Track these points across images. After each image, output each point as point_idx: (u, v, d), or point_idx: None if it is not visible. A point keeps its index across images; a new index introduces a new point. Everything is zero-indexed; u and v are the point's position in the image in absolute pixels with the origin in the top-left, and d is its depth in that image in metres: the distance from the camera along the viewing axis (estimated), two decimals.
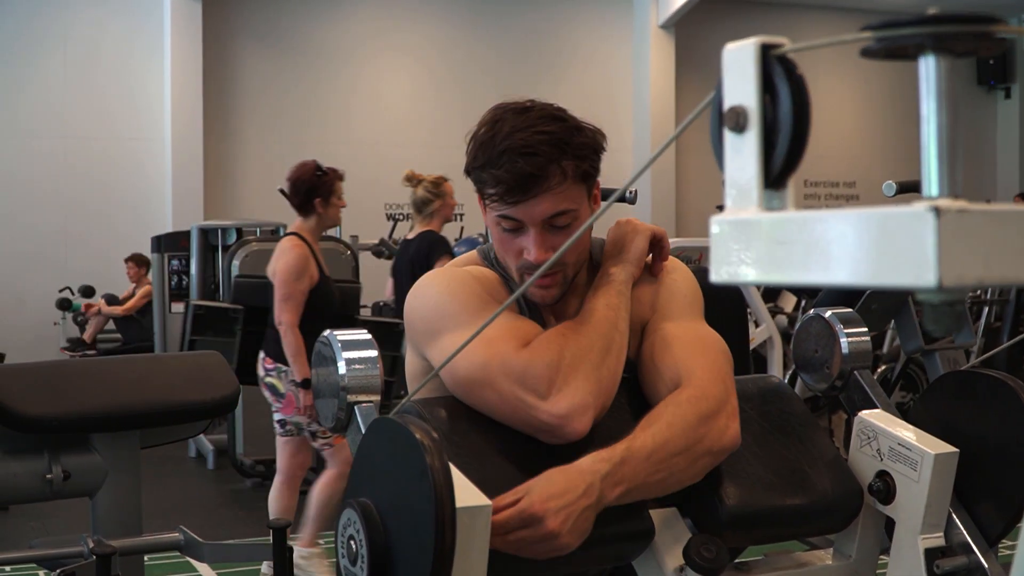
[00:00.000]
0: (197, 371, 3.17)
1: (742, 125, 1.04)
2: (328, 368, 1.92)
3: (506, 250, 2.15)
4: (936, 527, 2.04)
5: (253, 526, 6.23)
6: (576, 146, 2.08)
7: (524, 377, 1.94)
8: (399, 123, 13.70)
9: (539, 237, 2.09)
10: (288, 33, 13.22)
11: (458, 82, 13.83)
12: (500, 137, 2.06)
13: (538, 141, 2.04)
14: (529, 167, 2.03)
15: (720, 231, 1.05)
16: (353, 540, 1.71)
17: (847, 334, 2.30)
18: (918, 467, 2.03)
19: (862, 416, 2.16)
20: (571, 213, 2.10)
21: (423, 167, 13.35)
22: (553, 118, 2.10)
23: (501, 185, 2.06)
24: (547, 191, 2.06)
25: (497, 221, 2.12)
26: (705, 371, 2.05)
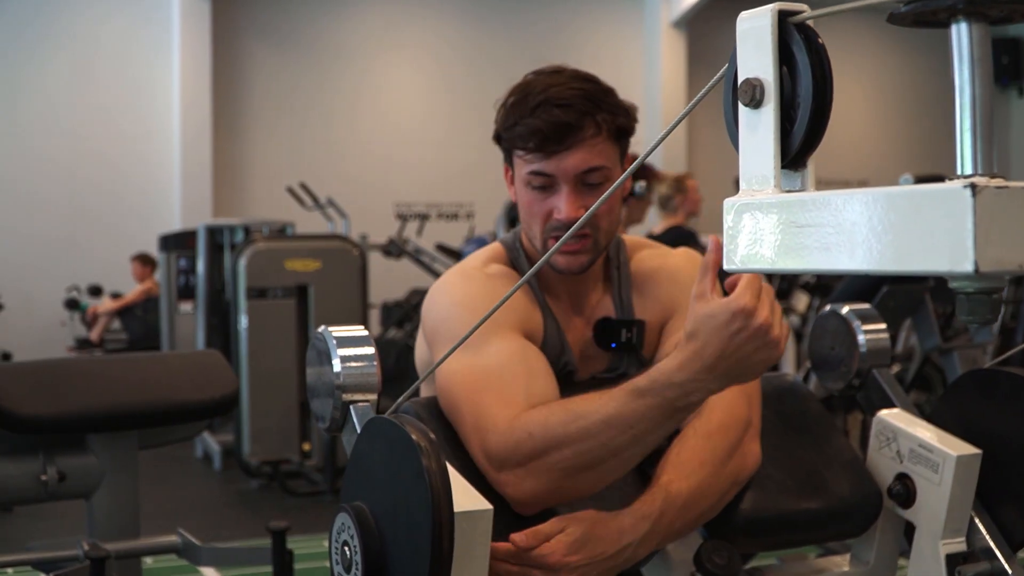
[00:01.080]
0: (196, 370, 3.10)
1: (758, 99, 0.96)
2: (323, 366, 1.84)
3: (534, 212, 2.06)
4: (958, 532, 1.96)
5: (259, 528, 6.12)
6: (610, 104, 2.04)
7: (484, 448, 1.84)
8: (409, 122, 13.61)
9: (571, 193, 2.01)
10: (297, 31, 13.14)
11: (468, 80, 13.75)
12: (534, 94, 2.01)
13: (572, 94, 2.00)
14: (565, 116, 1.98)
15: (734, 214, 0.97)
16: (347, 546, 1.63)
17: (865, 331, 2.21)
18: (939, 469, 1.94)
19: (881, 416, 2.07)
20: (604, 171, 2.02)
21: (433, 166, 13.41)
22: (586, 78, 2.06)
23: (535, 136, 1.99)
24: (582, 142, 1.99)
25: (527, 180, 2.04)
26: (734, 390, 1.86)
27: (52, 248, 12.09)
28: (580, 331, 2.12)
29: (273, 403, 7.16)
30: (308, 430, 7.28)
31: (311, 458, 7.20)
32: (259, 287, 7.22)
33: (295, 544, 5.62)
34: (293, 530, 5.91)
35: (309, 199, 9.53)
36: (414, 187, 13.47)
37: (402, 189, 13.42)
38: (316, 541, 5.70)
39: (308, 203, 9.60)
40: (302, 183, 9.61)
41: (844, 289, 3.62)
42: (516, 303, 2.03)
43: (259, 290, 7.23)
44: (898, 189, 0.84)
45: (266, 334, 7.22)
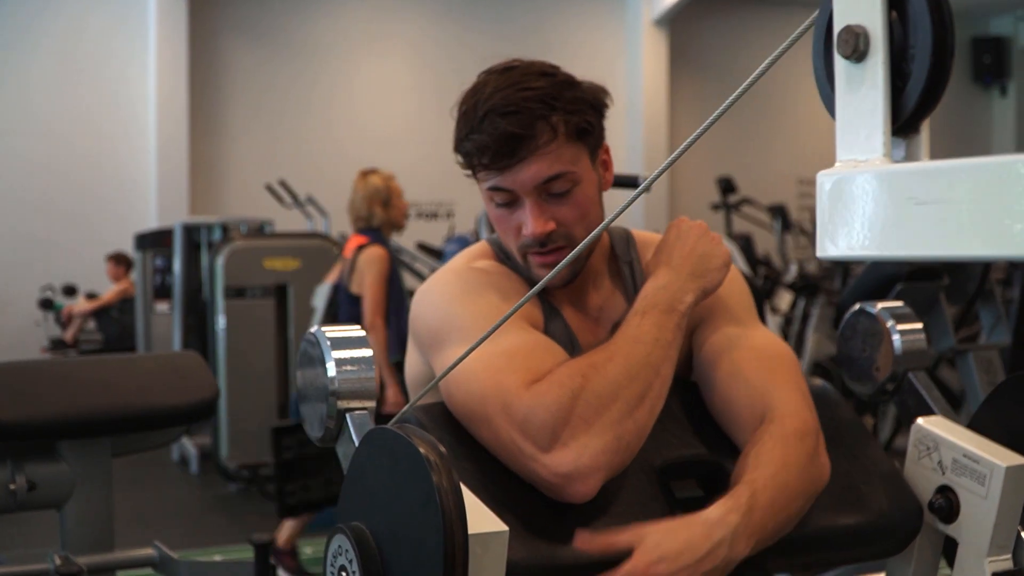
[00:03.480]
0: (173, 373, 2.93)
1: (862, 51, 0.79)
2: (315, 369, 1.67)
3: (504, 230, 1.90)
4: (1004, 548, 1.79)
5: (238, 534, 5.99)
6: (567, 100, 1.84)
7: (526, 423, 1.63)
8: (388, 120, 13.45)
9: (535, 207, 1.84)
10: (276, 29, 12.96)
11: (448, 79, 13.54)
12: (482, 100, 1.83)
13: (521, 98, 1.81)
14: (512, 126, 1.79)
15: (831, 190, 0.80)
16: (345, 571, 1.46)
17: (900, 331, 2.04)
18: (987, 481, 1.78)
19: (920, 424, 1.90)
20: (568, 176, 1.84)
21: (412, 165, 13.25)
22: (540, 74, 1.87)
23: (485, 151, 1.82)
24: (535, 152, 1.81)
25: (489, 196, 1.88)
26: (796, 396, 1.81)
27: (26, 247, 11.88)
28: (590, 332, 1.95)
29: (252, 405, 7.01)
30: None
31: None
32: (237, 286, 7.09)
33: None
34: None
35: (288, 197, 9.36)
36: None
37: None
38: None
39: (287, 201, 9.43)
40: (281, 180, 9.44)
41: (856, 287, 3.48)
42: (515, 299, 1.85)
43: (237, 289, 7.09)
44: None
45: (244, 334, 7.09)
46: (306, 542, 5.52)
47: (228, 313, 7.08)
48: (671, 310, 1.77)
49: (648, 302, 1.78)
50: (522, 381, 1.67)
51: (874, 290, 3.39)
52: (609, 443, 1.63)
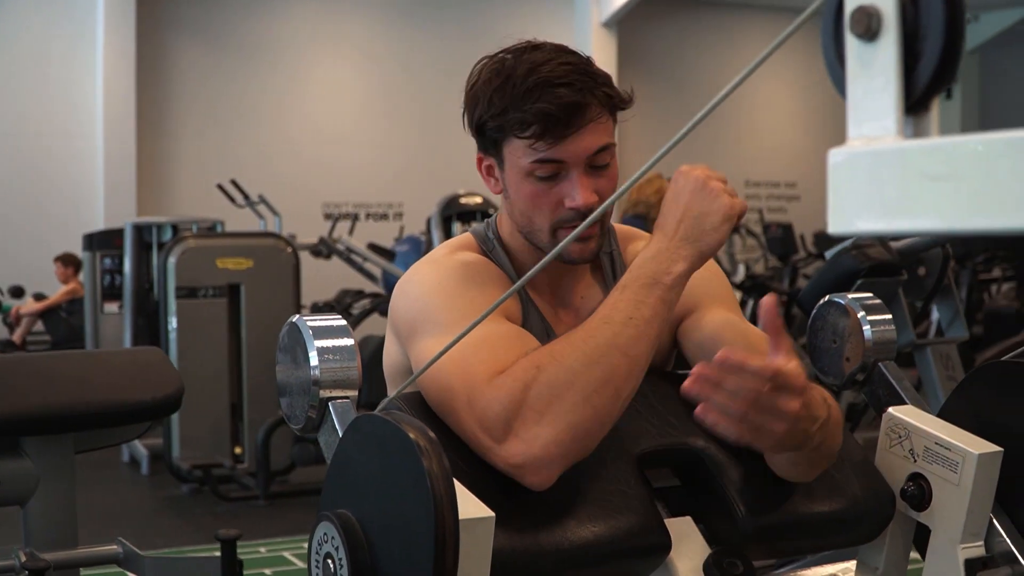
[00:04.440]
0: (137, 368, 2.91)
1: (874, 30, 0.80)
2: (297, 359, 1.67)
3: (540, 205, 1.87)
4: (977, 535, 1.82)
5: (192, 535, 5.94)
6: (601, 76, 1.86)
7: (483, 416, 1.64)
8: (337, 121, 13.41)
9: (584, 178, 1.84)
10: (226, 28, 12.90)
11: (398, 80, 13.59)
12: (519, 76, 1.81)
13: (567, 71, 1.81)
14: (571, 95, 1.79)
15: (843, 166, 0.81)
16: (331, 559, 1.46)
17: (871, 322, 2.07)
18: (959, 468, 1.80)
19: (892, 413, 1.93)
20: (612, 149, 1.87)
21: (363, 166, 13.21)
22: (567, 51, 1.88)
23: (540, 122, 1.80)
24: (590, 122, 1.82)
25: (530, 170, 1.85)
26: None
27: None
28: (569, 323, 1.95)
29: (204, 405, 6.95)
30: (240, 433, 7.10)
31: (243, 462, 7.00)
32: (189, 286, 7.03)
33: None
34: None
35: (240, 196, 9.31)
36: (342, 187, 13.29)
37: (330, 189, 13.23)
38: (250, 547, 5.52)
39: (239, 200, 9.38)
40: (233, 180, 9.39)
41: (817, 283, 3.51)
42: (496, 292, 1.85)
43: (189, 289, 7.04)
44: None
45: (196, 335, 7.03)
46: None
47: (180, 313, 7.02)
48: (654, 283, 1.71)
49: (632, 275, 1.74)
50: (486, 373, 1.68)
51: (835, 286, 3.42)
52: (561, 433, 1.62)
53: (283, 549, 5.57)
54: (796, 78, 15.97)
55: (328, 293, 10.31)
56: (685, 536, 1.75)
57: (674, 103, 14.69)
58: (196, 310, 7.05)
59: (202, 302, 7.06)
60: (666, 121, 15.16)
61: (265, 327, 7.10)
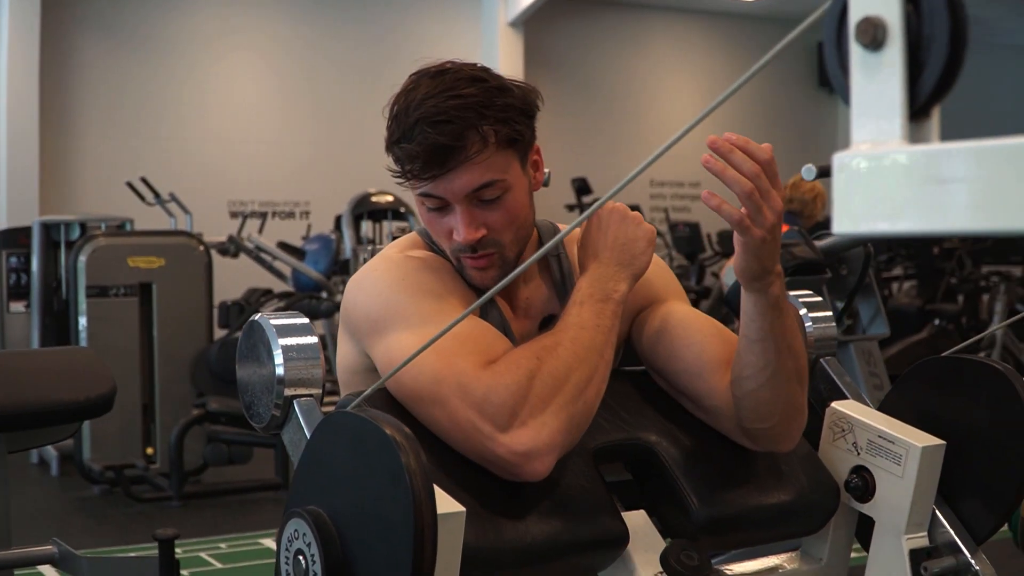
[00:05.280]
0: (69, 368, 2.90)
1: (880, 40, 0.84)
2: (260, 358, 1.68)
3: (436, 232, 1.93)
4: (920, 526, 1.88)
5: (104, 536, 5.87)
6: (498, 108, 1.84)
7: (484, 403, 1.67)
8: (242, 119, 13.28)
9: (466, 214, 1.86)
10: (130, 26, 12.71)
11: (302, 78, 13.50)
12: (412, 106, 1.83)
13: (451, 107, 1.81)
14: (442, 137, 1.80)
15: (850, 170, 0.85)
16: (302, 555, 1.47)
17: (812, 318, 2.12)
18: (902, 461, 1.86)
19: (835, 407, 1.99)
20: (499, 184, 1.86)
21: (268, 164, 13.12)
22: (472, 79, 1.85)
23: (415, 160, 1.83)
24: (465, 162, 1.82)
25: (420, 201, 1.90)
26: None
27: None
28: (519, 324, 1.99)
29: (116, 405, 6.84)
30: (151, 434, 7.02)
31: (155, 463, 6.93)
32: (100, 285, 6.94)
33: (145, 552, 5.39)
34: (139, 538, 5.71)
35: (150, 194, 9.21)
36: (248, 185, 13.18)
37: (236, 187, 13.11)
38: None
39: (149, 199, 9.28)
40: (143, 178, 9.29)
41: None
42: (455, 286, 1.91)
43: (100, 288, 6.94)
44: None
45: (107, 334, 6.93)
46: None
47: (90, 312, 6.92)
48: (606, 299, 1.82)
49: (584, 294, 1.83)
50: (477, 363, 1.71)
51: None
52: (564, 423, 1.68)
53: (199, 549, 5.54)
54: (699, 78, 16.15)
55: (234, 292, 10.24)
56: (640, 529, 1.79)
57: (581, 102, 14.79)
58: (107, 309, 6.96)
59: (113, 301, 6.97)
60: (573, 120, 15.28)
61: (177, 326, 7.04)
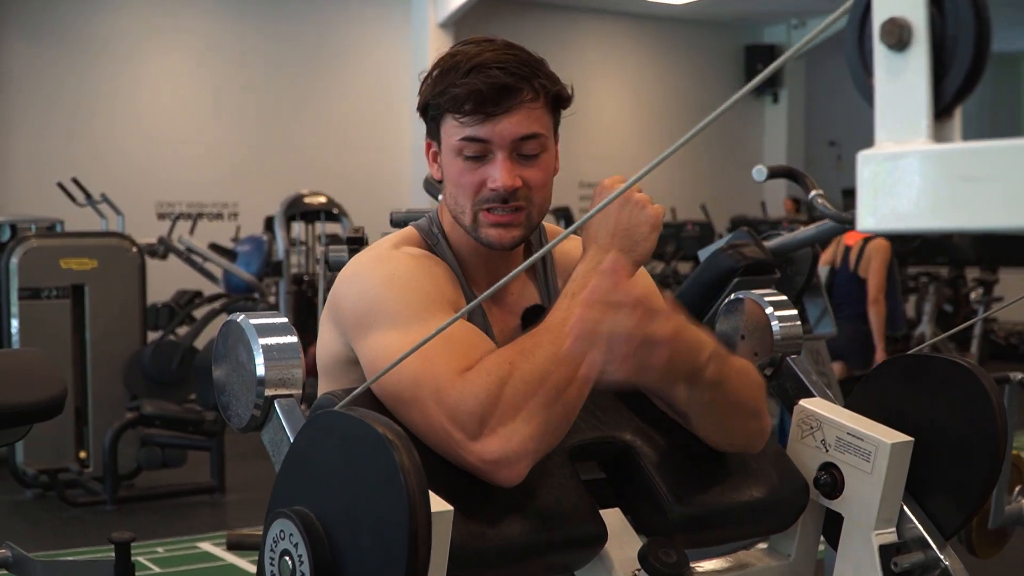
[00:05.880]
0: (18, 369, 2.85)
1: (905, 41, 0.86)
2: (239, 358, 1.67)
3: (464, 184, 1.92)
4: (889, 522, 1.91)
5: (39, 541, 5.80)
6: (546, 71, 1.93)
7: (455, 411, 1.67)
8: (171, 120, 13.15)
9: (507, 161, 1.88)
10: (62, 28, 12.54)
11: (231, 80, 13.40)
12: (465, 60, 1.88)
13: (508, 59, 1.88)
14: (504, 77, 1.85)
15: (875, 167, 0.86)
16: (288, 556, 1.47)
17: (779, 317, 2.15)
18: (871, 458, 1.89)
19: (803, 405, 2.01)
20: (541, 139, 1.91)
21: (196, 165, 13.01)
22: (518, 47, 1.94)
23: (472, 97, 1.86)
24: (520, 105, 1.87)
25: (458, 148, 1.90)
26: None
27: None
28: (503, 320, 1.99)
29: None
30: (84, 437, 6.94)
31: (89, 466, 6.85)
32: (32, 287, 6.86)
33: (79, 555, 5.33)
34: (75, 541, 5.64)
35: (82, 195, 9.10)
36: (176, 186, 13.07)
37: (164, 188, 12.99)
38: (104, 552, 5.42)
39: (80, 199, 9.16)
40: (74, 179, 9.18)
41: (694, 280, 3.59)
42: (446, 286, 1.90)
43: (32, 290, 6.87)
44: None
45: (39, 336, 6.84)
46: None
47: (22, 315, 6.84)
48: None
49: (577, 284, 1.81)
50: (455, 368, 1.70)
51: (713, 284, 3.51)
52: (537, 428, 1.68)
53: (137, 554, 5.48)
54: (627, 80, 16.25)
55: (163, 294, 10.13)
56: (617, 527, 1.80)
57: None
58: (39, 311, 6.88)
59: (45, 303, 6.90)
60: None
61: (110, 329, 6.98)
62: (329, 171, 13.43)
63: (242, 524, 6.10)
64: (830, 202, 3.51)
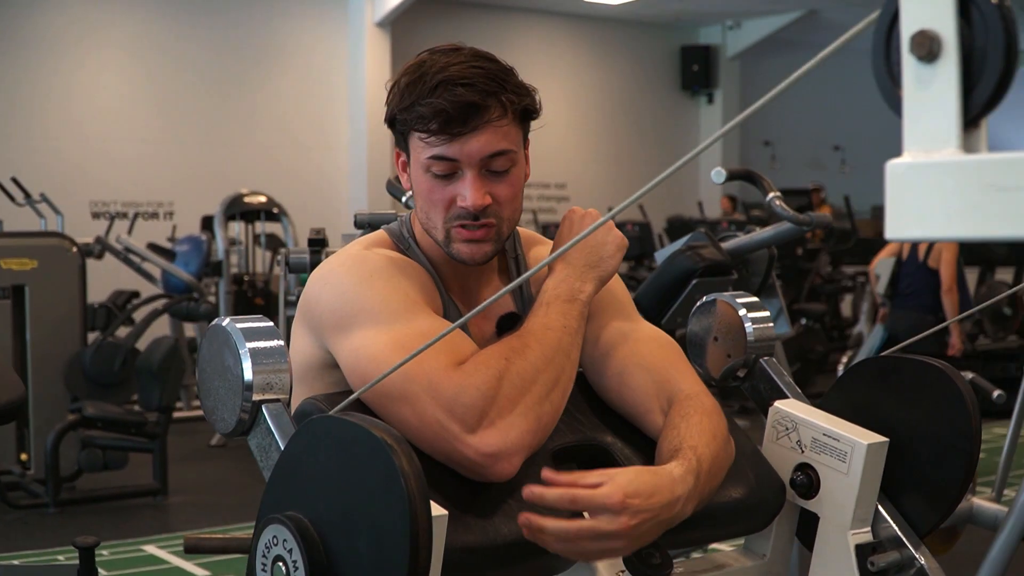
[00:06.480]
0: None
1: (935, 52, 0.87)
2: (225, 362, 1.66)
3: (435, 201, 1.91)
4: (864, 522, 1.93)
5: None
6: (514, 84, 1.91)
7: (453, 403, 1.68)
8: (106, 119, 13.02)
9: (476, 179, 1.87)
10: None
11: (167, 79, 13.29)
12: (432, 73, 1.85)
13: (475, 73, 1.85)
14: (470, 95, 1.83)
15: (905, 178, 0.88)
16: (282, 561, 1.46)
17: (752, 319, 2.17)
18: (847, 458, 1.91)
19: (778, 406, 2.03)
20: (510, 155, 1.90)
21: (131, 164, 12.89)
22: (486, 57, 1.92)
23: (438, 117, 1.84)
24: (487, 124, 1.85)
25: (427, 166, 1.89)
26: (696, 378, 1.96)
27: None
28: (478, 326, 1.98)
29: None
30: (25, 440, 6.85)
31: (30, 468, 6.77)
32: None
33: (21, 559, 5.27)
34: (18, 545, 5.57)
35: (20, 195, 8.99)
36: (111, 186, 12.94)
37: (98, 188, 12.86)
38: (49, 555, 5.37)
39: (19, 199, 9.05)
40: (13, 178, 9.06)
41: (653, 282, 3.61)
42: (426, 289, 1.90)
43: None
44: None
45: None
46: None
47: None
48: (572, 300, 1.86)
49: (551, 295, 1.86)
50: (445, 363, 1.71)
51: (672, 286, 3.53)
52: (531, 423, 1.71)
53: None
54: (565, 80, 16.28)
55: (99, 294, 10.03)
56: None
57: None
58: None
59: None
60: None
61: (51, 329, 6.90)
62: (266, 170, 13.38)
63: (186, 527, 6.06)
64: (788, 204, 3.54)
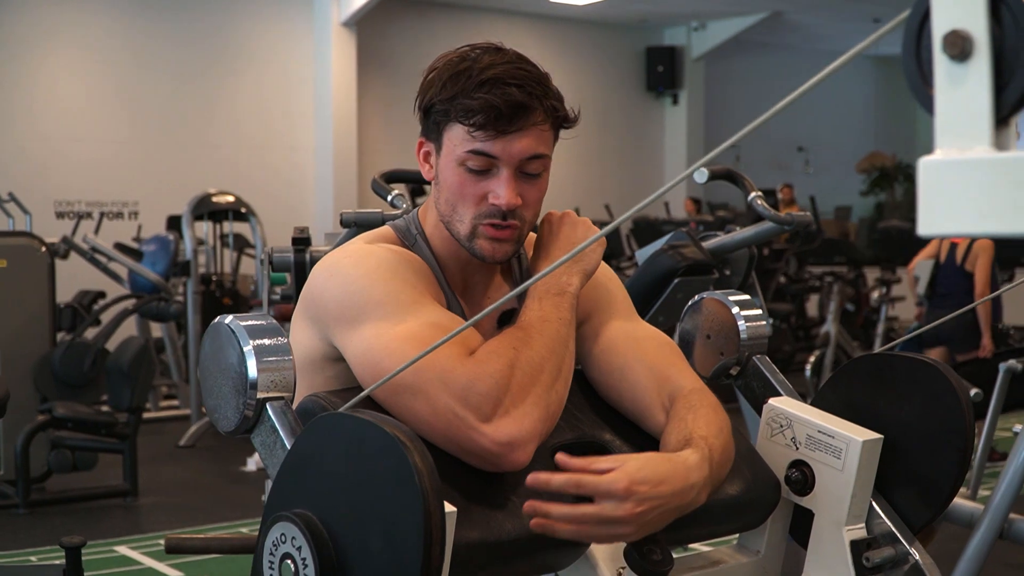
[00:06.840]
0: None
1: (967, 52, 0.89)
2: (229, 360, 1.65)
3: (465, 195, 1.90)
4: (859, 518, 1.95)
5: None
6: (554, 92, 1.93)
7: (467, 392, 1.68)
8: (70, 118, 12.95)
9: (512, 179, 1.88)
10: None
11: (132, 78, 13.23)
12: (479, 68, 1.86)
13: (524, 75, 1.87)
14: (521, 96, 1.84)
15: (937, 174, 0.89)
16: (291, 559, 1.46)
17: (745, 317, 2.18)
18: (842, 455, 1.93)
19: (773, 404, 2.04)
20: (544, 160, 1.91)
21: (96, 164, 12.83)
22: (529, 62, 1.93)
23: (487, 112, 1.84)
24: (533, 126, 1.87)
25: (463, 159, 1.88)
26: (696, 376, 1.99)
27: None
28: (481, 324, 1.99)
29: None
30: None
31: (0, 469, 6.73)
32: None
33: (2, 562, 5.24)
34: None
35: None
36: (76, 185, 12.88)
37: (63, 187, 12.80)
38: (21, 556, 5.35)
39: None
40: None
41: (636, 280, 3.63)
42: (432, 286, 1.91)
43: None
44: None
45: None
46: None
47: None
48: (561, 292, 1.88)
49: (540, 290, 1.88)
50: (456, 353, 1.72)
51: (654, 285, 3.55)
52: (543, 411, 1.73)
53: (55, 557, 5.41)
54: None
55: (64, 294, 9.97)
56: None
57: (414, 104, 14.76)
58: None
59: None
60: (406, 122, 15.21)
61: (20, 329, 6.86)
62: (230, 170, 13.36)
63: (158, 527, 6.04)
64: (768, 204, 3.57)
